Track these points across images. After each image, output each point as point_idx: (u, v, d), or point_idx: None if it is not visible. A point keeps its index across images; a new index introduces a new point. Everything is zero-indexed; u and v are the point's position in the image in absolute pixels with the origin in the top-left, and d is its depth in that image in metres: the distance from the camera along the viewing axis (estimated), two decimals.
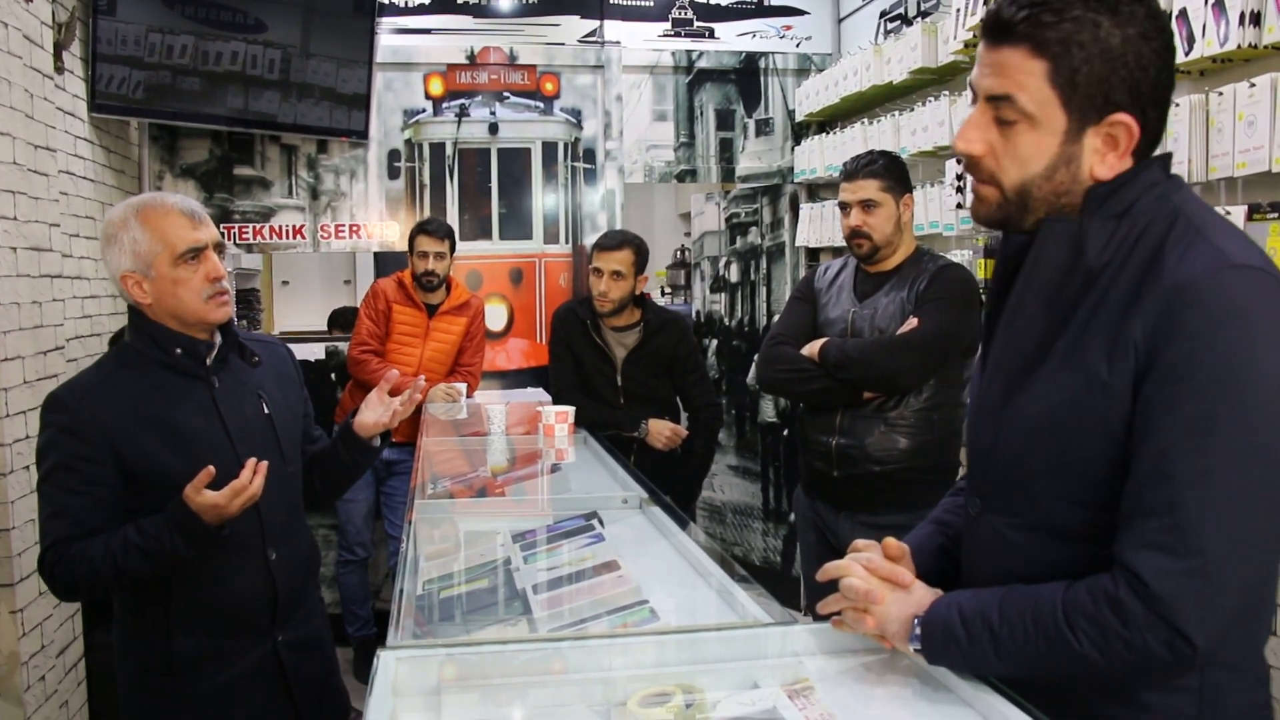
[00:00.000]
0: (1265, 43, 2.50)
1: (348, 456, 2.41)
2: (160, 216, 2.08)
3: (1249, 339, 1.19)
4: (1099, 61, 1.26)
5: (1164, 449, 1.21)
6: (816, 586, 3.25)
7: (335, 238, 4.99)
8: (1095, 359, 1.27)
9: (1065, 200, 1.34)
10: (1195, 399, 1.19)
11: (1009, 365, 1.41)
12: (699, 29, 5.30)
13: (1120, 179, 1.32)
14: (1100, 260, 1.31)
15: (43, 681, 3.09)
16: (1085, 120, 1.30)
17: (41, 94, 3.30)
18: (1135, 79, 1.27)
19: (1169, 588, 1.19)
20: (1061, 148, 1.31)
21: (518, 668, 1.57)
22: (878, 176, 2.97)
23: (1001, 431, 1.41)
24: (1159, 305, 1.22)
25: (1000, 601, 1.32)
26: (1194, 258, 1.23)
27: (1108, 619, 1.22)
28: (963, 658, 1.35)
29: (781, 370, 3.04)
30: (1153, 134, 1.32)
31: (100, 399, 2.06)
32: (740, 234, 5.63)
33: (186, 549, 1.98)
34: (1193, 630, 1.19)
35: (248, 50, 4.45)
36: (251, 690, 2.18)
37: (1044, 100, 1.29)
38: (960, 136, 1.37)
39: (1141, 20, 1.27)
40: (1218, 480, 1.19)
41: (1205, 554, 1.18)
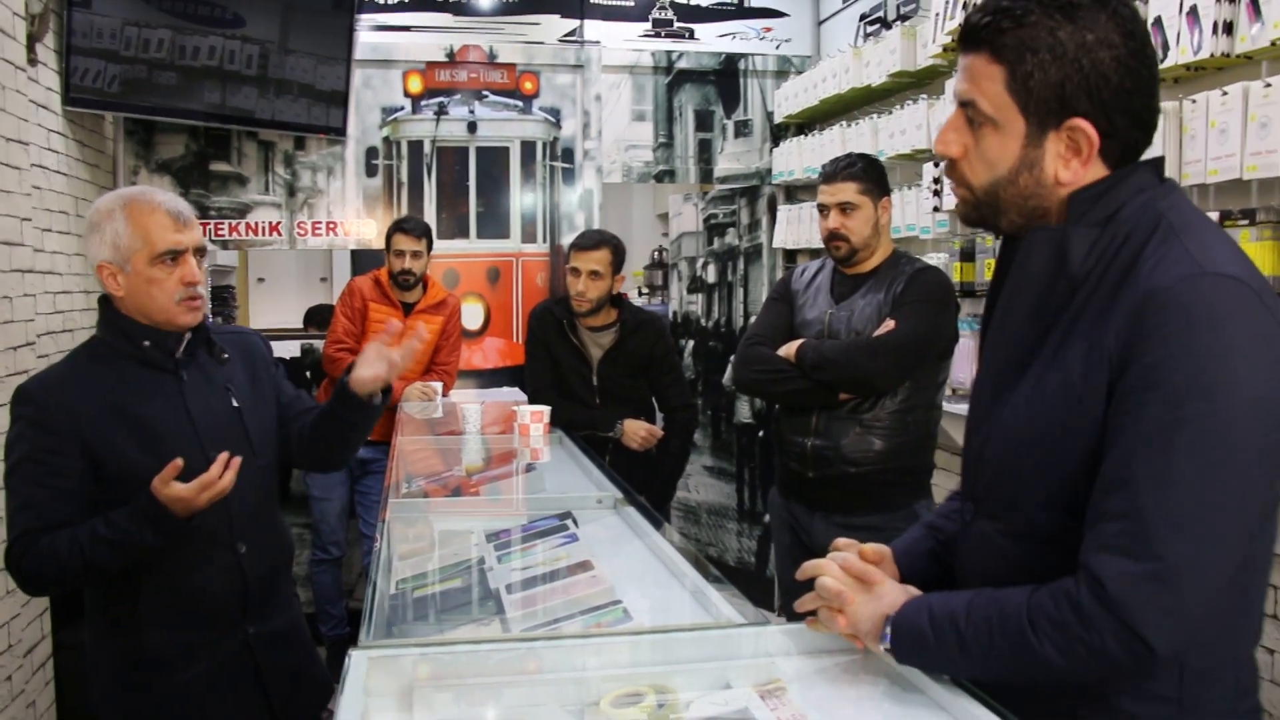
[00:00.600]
0: (1237, 52, 2.54)
1: (345, 415, 2.34)
2: (146, 213, 2.08)
3: (1219, 347, 1.18)
4: (1052, 66, 1.28)
5: (1128, 453, 1.21)
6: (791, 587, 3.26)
7: (312, 235, 4.97)
8: (1073, 366, 1.28)
9: (1034, 203, 1.35)
10: (1163, 405, 1.19)
11: (996, 372, 1.43)
12: (679, 30, 5.32)
13: (1103, 184, 1.32)
14: (1083, 268, 1.31)
15: (9, 681, 3.06)
16: (1044, 125, 1.31)
17: (14, 86, 3.27)
18: (1093, 84, 1.28)
19: (1127, 591, 1.19)
20: (1023, 151, 1.33)
21: (490, 667, 1.57)
22: (856, 179, 2.98)
23: (989, 438, 1.42)
24: (1131, 312, 1.23)
25: (969, 603, 1.33)
26: (1169, 264, 1.23)
27: (1069, 620, 1.22)
28: (930, 659, 1.36)
29: (758, 370, 3.05)
30: (1126, 140, 1.32)
31: (68, 391, 2.06)
32: (718, 235, 5.64)
33: (155, 541, 1.97)
34: (1149, 634, 1.19)
35: (225, 45, 4.43)
36: (224, 683, 2.18)
37: (1002, 105, 1.32)
38: (939, 139, 1.41)
39: (1102, 26, 1.27)
40: (1180, 485, 1.18)
41: (1165, 559, 1.18)
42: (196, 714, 2.16)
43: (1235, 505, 1.20)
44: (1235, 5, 2.54)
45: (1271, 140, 2.41)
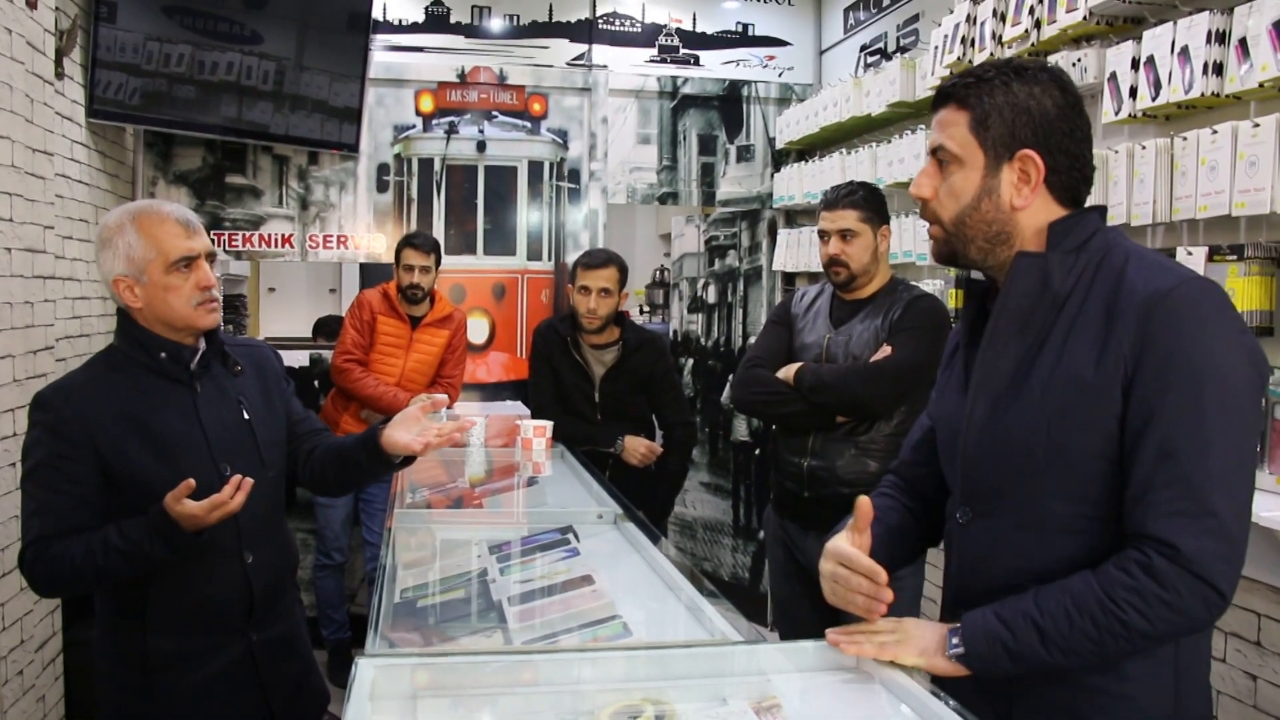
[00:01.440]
0: (1227, 92, 2.58)
1: (368, 464, 2.34)
2: (156, 224, 2.12)
3: (1219, 334, 1.44)
4: (1007, 109, 1.56)
5: (1166, 432, 1.43)
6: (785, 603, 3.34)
7: (323, 248, 5.04)
8: (1084, 367, 1.48)
9: (996, 228, 1.59)
10: (1188, 385, 1.42)
11: (990, 386, 1.59)
12: (685, 56, 5.40)
13: (1073, 219, 1.58)
14: (1065, 288, 1.54)
15: (20, 676, 3.12)
16: (1000, 157, 1.57)
17: (42, 99, 3.35)
18: (1038, 123, 1.55)
19: (1196, 546, 1.39)
20: (983, 180, 1.58)
21: (492, 678, 1.62)
22: (857, 207, 3.04)
23: (991, 443, 1.59)
24: (1138, 315, 1.45)
25: (1035, 599, 1.49)
26: (1158, 276, 1.48)
27: (1147, 585, 1.41)
28: (1010, 657, 1.48)
29: (757, 392, 3.11)
30: (1068, 178, 1.58)
31: (85, 399, 2.09)
32: (719, 256, 5.71)
33: (165, 553, 2.01)
34: (1220, 582, 1.40)
35: (243, 61, 4.51)
36: (225, 687, 2.21)
37: (966, 142, 1.58)
38: (914, 184, 1.66)
39: (1044, 81, 1.56)
40: (1216, 451, 1.42)
41: (1218, 514, 1.40)
42: (198, 718, 2.19)
43: (1249, 462, 1.46)
44: (1225, 47, 2.59)
45: (1260, 178, 2.45)
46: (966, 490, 1.63)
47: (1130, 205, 2.83)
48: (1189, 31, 2.65)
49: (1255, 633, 2.61)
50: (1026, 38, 3.24)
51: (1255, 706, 2.61)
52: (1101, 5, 2.91)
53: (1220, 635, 2.69)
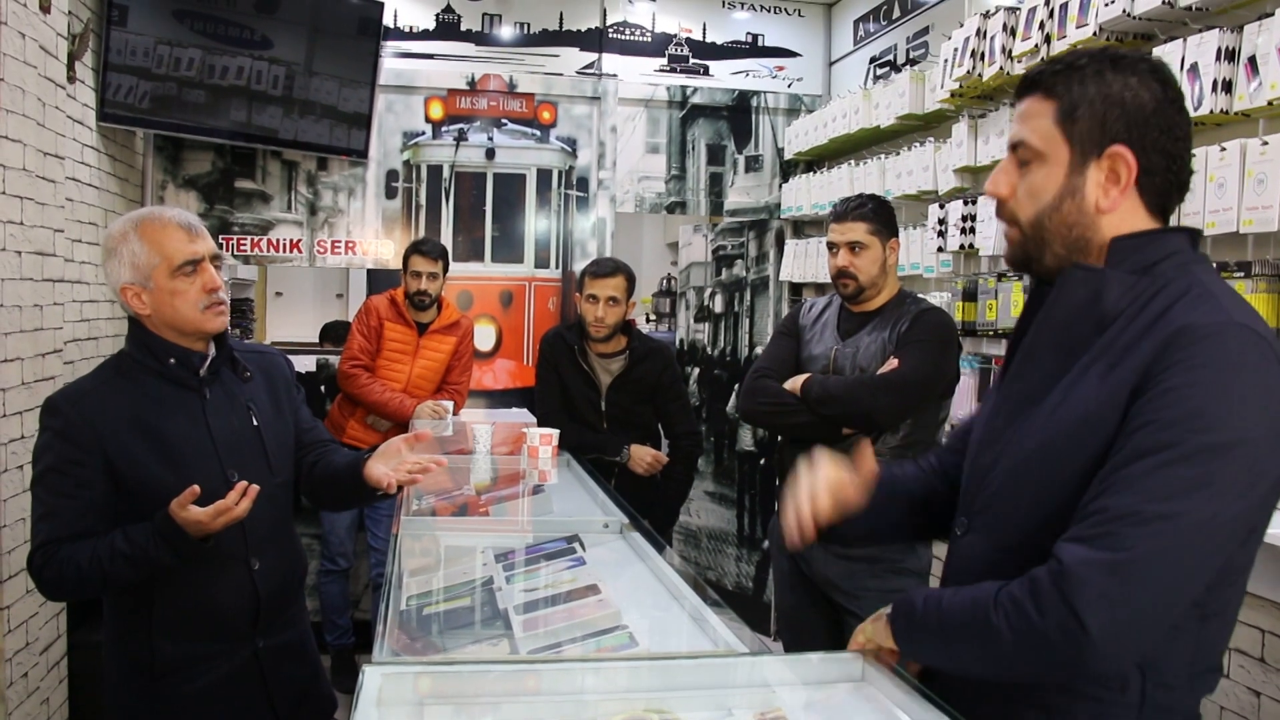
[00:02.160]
0: (1236, 109, 2.58)
1: (353, 490, 2.38)
2: (158, 230, 2.14)
3: (1229, 389, 1.28)
4: (1098, 100, 1.41)
5: (1121, 464, 1.30)
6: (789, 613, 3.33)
7: (331, 253, 5.06)
8: (1091, 396, 1.37)
9: (1077, 233, 1.45)
10: (1164, 428, 1.28)
11: (1016, 396, 1.51)
12: (694, 66, 5.42)
13: (1145, 236, 1.43)
14: (1116, 308, 1.40)
15: (25, 678, 3.13)
16: (1087, 153, 1.42)
17: (53, 103, 3.37)
18: (1132, 117, 1.39)
19: (1079, 571, 1.26)
20: (1067, 179, 1.44)
21: (498, 686, 1.62)
22: (866, 219, 3.04)
23: (1000, 457, 1.50)
24: (1159, 344, 1.32)
25: (959, 587, 1.44)
26: (1202, 310, 1.33)
27: (1023, 596, 1.31)
28: (916, 638, 1.47)
29: (764, 403, 3.11)
30: (1161, 182, 1.42)
31: (94, 405, 2.11)
32: (726, 266, 5.72)
33: (171, 560, 2.02)
34: (1088, 615, 1.25)
35: (253, 66, 4.52)
36: (231, 693, 2.22)
37: (1050, 136, 1.44)
38: (989, 181, 1.53)
39: (1143, 74, 1.40)
40: (1155, 497, 1.26)
41: (1123, 552, 1.25)
42: None
43: (1206, 530, 1.27)
44: (1234, 64, 2.59)
45: (1268, 196, 2.45)
46: (966, 500, 1.58)
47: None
48: (1199, 49, 2.66)
49: (1259, 649, 2.60)
50: (1036, 52, 3.25)
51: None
52: (1111, 22, 2.91)
53: None
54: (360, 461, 2.34)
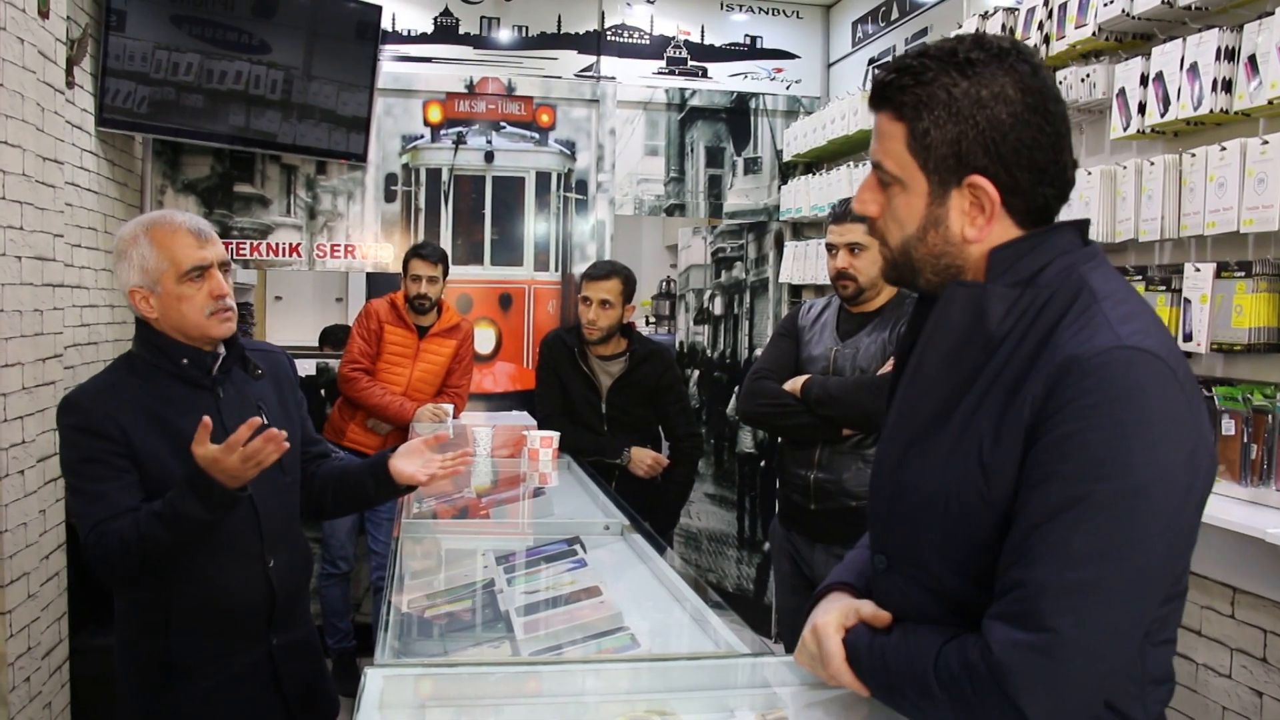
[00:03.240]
0: (1236, 108, 2.58)
1: (374, 489, 2.45)
2: (168, 235, 2.15)
3: (1129, 424, 1.17)
4: (949, 123, 1.27)
5: (1031, 525, 1.19)
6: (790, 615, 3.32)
7: (330, 257, 5.06)
8: (985, 435, 1.26)
9: (946, 261, 1.34)
10: (1068, 480, 1.17)
11: (907, 428, 1.39)
12: (693, 68, 5.42)
13: (1024, 244, 1.30)
14: (1002, 329, 1.28)
15: (28, 683, 3.12)
16: (945, 183, 1.30)
17: (52, 108, 3.36)
18: (989, 140, 1.26)
19: (1011, 659, 1.17)
20: (928, 209, 1.32)
21: (500, 688, 1.62)
22: (865, 221, 3.04)
23: (898, 496, 1.39)
24: (1047, 380, 1.21)
25: (904, 629, 1.34)
26: (1087, 334, 1.21)
27: (961, 676, 1.22)
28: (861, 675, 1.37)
29: (763, 404, 3.12)
30: (1032, 197, 1.30)
31: (112, 400, 2.12)
32: (725, 268, 5.73)
33: (202, 512, 1.99)
34: (1026, 704, 1.17)
35: (251, 70, 4.53)
36: (245, 690, 2.24)
37: (904, 163, 1.32)
38: (856, 199, 1.41)
39: (998, 82, 1.26)
40: (1078, 562, 1.16)
41: (1054, 631, 1.16)
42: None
43: (1134, 585, 1.19)
44: (1234, 64, 2.59)
45: (1268, 195, 2.45)
46: (876, 535, 1.46)
47: (1138, 221, 2.83)
48: (1198, 48, 2.66)
49: (1261, 649, 2.60)
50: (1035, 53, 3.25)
51: None
52: (1111, 21, 2.91)
53: (1226, 651, 2.69)
54: (382, 461, 2.41)
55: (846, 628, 1.41)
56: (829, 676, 1.42)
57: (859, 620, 1.41)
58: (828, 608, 1.46)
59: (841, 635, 1.41)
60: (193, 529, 2.03)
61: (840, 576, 1.58)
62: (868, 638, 1.37)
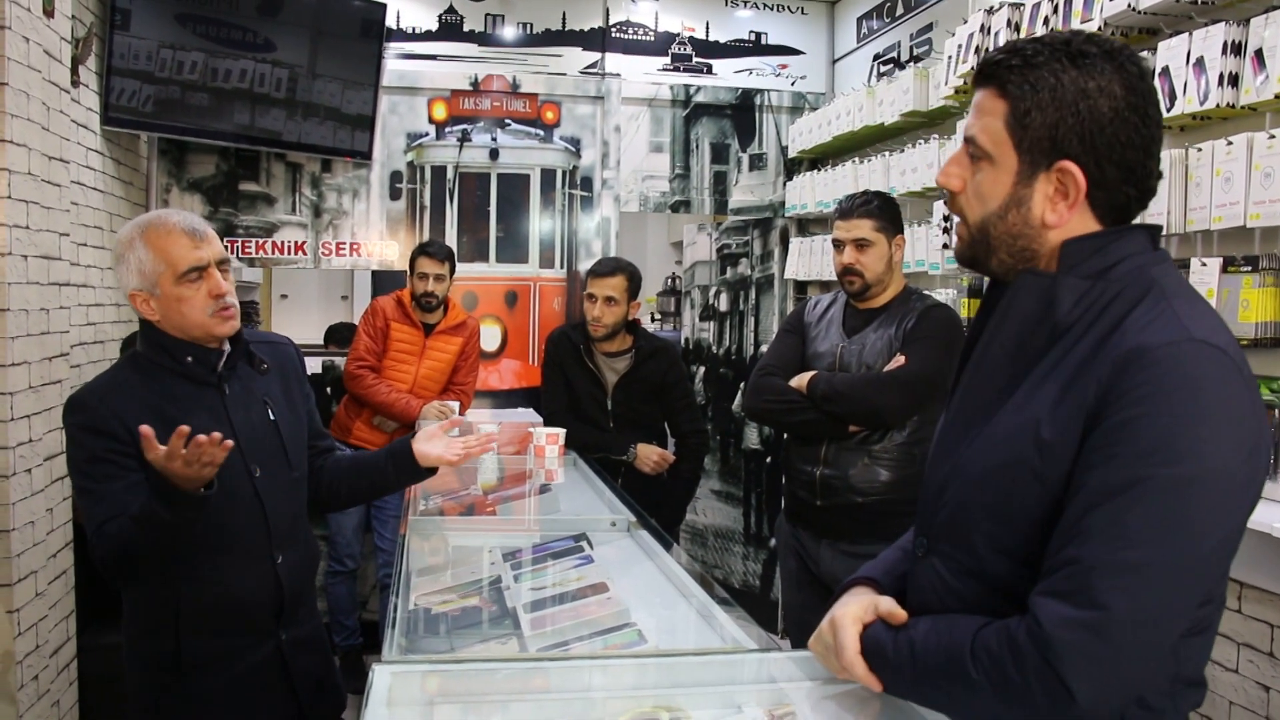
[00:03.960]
0: (1242, 103, 2.57)
1: (394, 475, 2.46)
2: (163, 236, 2.13)
3: (1193, 414, 1.19)
4: (1050, 107, 1.30)
5: (1088, 505, 1.21)
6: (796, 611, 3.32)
7: (336, 255, 5.06)
8: (1043, 416, 1.28)
9: (1022, 244, 1.37)
10: (1128, 462, 1.19)
11: (969, 410, 1.42)
12: (697, 65, 5.42)
13: (1100, 239, 1.33)
14: (1070, 318, 1.31)
15: (36, 681, 3.13)
16: (1035, 164, 1.33)
17: (58, 107, 3.37)
18: (1086, 129, 1.29)
19: (1060, 634, 1.19)
20: (1014, 189, 1.35)
21: (508, 685, 1.63)
22: (872, 216, 3.03)
23: (953, 475, 1.41)
24: (1113, 368, 1.23)
25: (933, 623, 1.35)
26: (1157, 326, 1.24)
27: (1004, 657, 1.23)
28: (890, 677, 1.38)
29: (770, 400, 3.11)
30: (1116, 193, 1.33)
31: (119, 399, 2.11)
32: (731, 265, 5.72)
33: (169, 516, 1.93)
34: (1073, 680, 1.18)
35: (256, 69, 4.53)
36: (256, 686, 2.24)
37: (999, 140, 1.35)
38: (941, 172, 1.45)
39: (1105, 76, 1.29)
40: (1131, 543, 1.18)
41: (1106, 609, 1.18)
42: (230, 717, 2.22)
43: (1184, 571, 1.20)
44: (1240, 58, 2.58)
45: (1275, 190, 2.44)
46: (923, 518, 1.49)
47: (1144, 216, 2.82)
48: (1204, 43, 2.65)
49: (1269, 644, 2.60)
50: None
51: (1268, 717, 2.60)
52: (1117, 16, 2.91)
53: (1233, 646, 2.69)
54: (402, 447, 2.43)
55: (865, 623, 1.43)
56: (840, 668, 1.44)
57: (877, 616, 1.43)
58: (847, 601, 1.49)
59: (859, 629, 1.43)
60: (164, 531, 1.98)
61: (866, 572, 1.61)
62: (891, 632, 1.39)
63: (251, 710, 2.24)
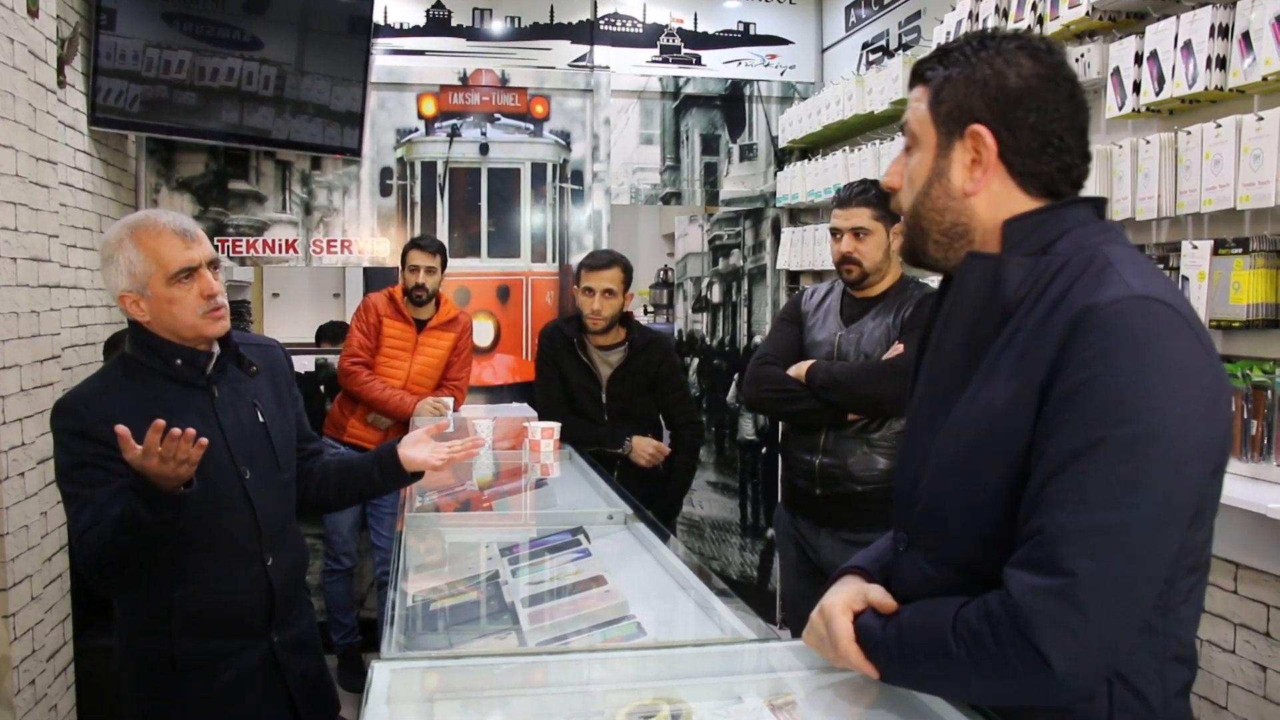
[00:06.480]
0: (1230, 86, 2.58)
1: (380, 480, 2.46)
2: (153, 237, 2.12)
3: (1141, 370, 1.19)
4: (962, 82, 1.37)
5: (1049, 474, 1.22)
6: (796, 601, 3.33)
7: (327, 252, 5.05)
8: (1001, 392, 1.29)
9: (950, 219, 1.40)
10: (1081, 426, 1.20)
11: (932, 401, 1.43)
12: (686, 56, 5.41)
13: (1039, 215, 1.36)
14: (1018, 296, 1.33)
15: (33, 685, 3.12)
16: (951, 133, 1.38)
17: (44, 108, 3.35)
18: (991, 93, 1.35)
19: (1031, 604, 1.19)
20: (934, 162, 1.40)
21: (508, 679, 1.63)
22: (871, 205, 3.02)
23: (923, 468, 1.42)
24: (1060, 334, 1.24)
25: (917, 604, 1.36)
26: (1101, 288, 1.25)
27: (981, 628, 1.24)
28: (879, 658, 1.38)
29: (768, 390, 3.11)
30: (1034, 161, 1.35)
31: (107, 404, 2.09)
32: (723, 256, 5.72)
33: (149, 515, 1.92)
34: (1048, 649, 1.18)
35: (243, 67, 4.51)
36: (250, 688, 2.24)
37: (923, 121, 1.41)
38: (885, 174, 1.50)
39: (1015, 54, 1.36)
40: (1093, 506, 1.18)
41: (1075, 575, 1.18)
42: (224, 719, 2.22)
43: (1150, 529, 1.20)
44: (1228, 41, 2.58)
45: (1264, 172, 2.45)
46: (900, 513, 1.50)
47: (1134, 200, 2.83)
48: (1192, 26, 2.65)
49: (1265, 624, 2.61)
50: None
51: (1265, 697, 2.61)
52: (1104, 0, 2.91)
53: (1229, 626, 2.70)
54: (388, 451, 2.43)
55: (855, 610, 1.44)
56: (836, 657, 1.44)
57: (867, 604, 1.43)
58: (837, 590, 1.50)
59: (850, 617, 1.43)
60: (144, 531, 1.96)
61: (855, 561, 1.61)
62: (880, 619, 1.40)
63: (245, 713, 2.23)
